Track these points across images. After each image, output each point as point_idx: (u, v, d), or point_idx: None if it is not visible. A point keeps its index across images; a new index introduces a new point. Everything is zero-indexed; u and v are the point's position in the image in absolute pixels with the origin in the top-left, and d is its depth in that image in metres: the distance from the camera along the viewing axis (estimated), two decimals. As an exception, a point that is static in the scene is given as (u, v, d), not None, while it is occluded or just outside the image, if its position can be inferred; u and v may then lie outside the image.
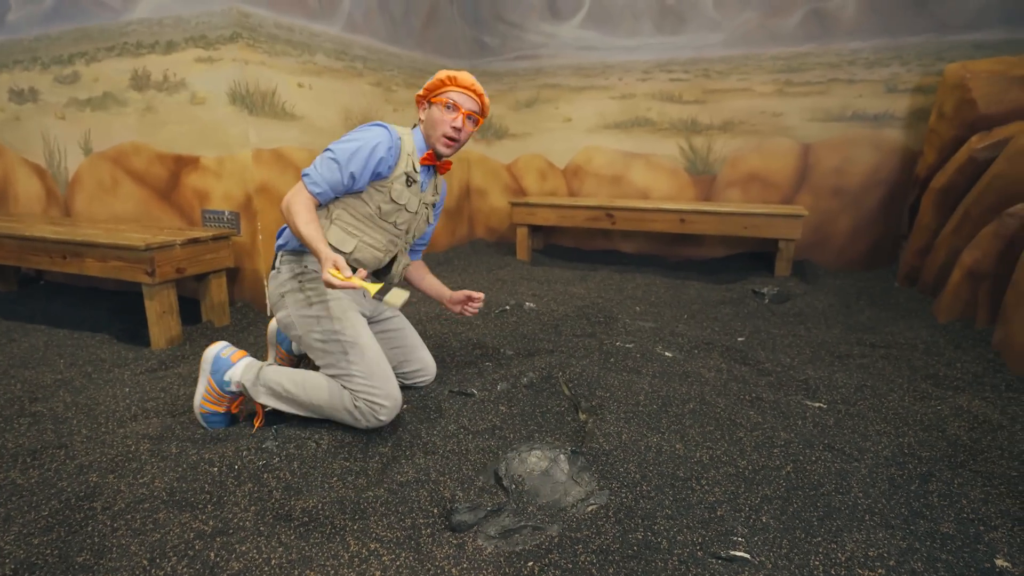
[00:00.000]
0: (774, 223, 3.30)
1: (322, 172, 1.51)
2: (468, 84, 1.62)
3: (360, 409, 1.52)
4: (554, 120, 4.17)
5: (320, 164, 1.52)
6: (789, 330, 2.48)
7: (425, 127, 1.66)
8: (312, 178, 1.51)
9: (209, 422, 1.64)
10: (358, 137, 1.54)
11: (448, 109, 1.60)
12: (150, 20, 2.57)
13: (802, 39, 3.44)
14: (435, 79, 1.61)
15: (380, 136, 1.55)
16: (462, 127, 1.62)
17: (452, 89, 1.61)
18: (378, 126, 1.58)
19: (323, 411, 1.56)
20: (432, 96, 1.63)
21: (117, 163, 2.85)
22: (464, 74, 1.62)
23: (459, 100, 1.61)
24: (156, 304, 2.27)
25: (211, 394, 1.63)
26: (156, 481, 1.37)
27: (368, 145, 1.52)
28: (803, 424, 1.61)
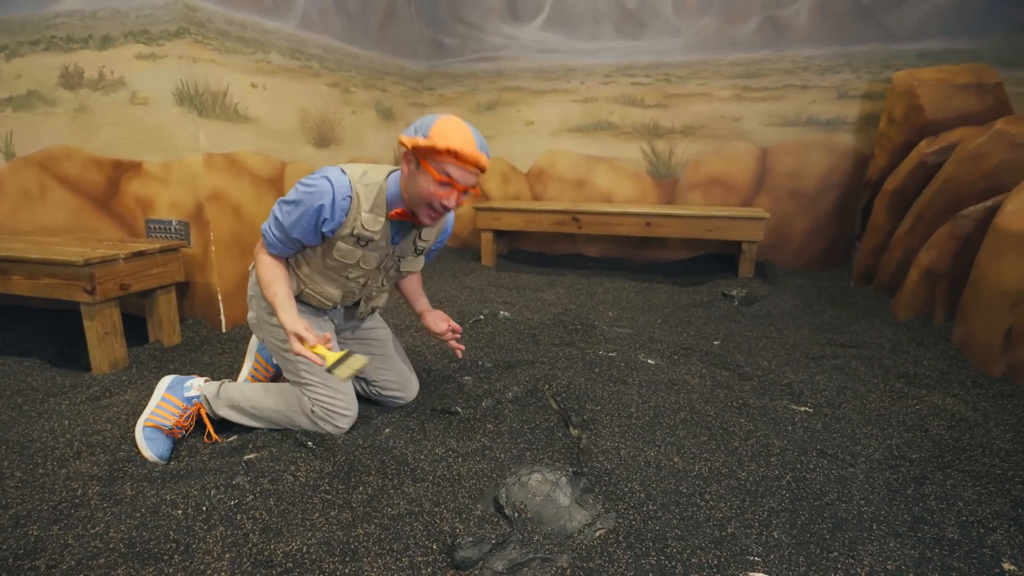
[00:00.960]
0: (737, 225, 3.36)
1: (275, 232, 1.45)
2: (472, 160, 1.32)
3: (316, 413, 1.55)
4: (516, 123, 4.12)
5: (272, 223, 1.45)
6: (761, 332, 2.51)
7: (406, 185, 1.40)
8: (268, 239, 1.47)
9: (149, 440, 1.54)
10: (302, 198, 1.39)
11: (442, 184, 1.34)
12: (82, 12, 2.34)
13: (759, 45, 3.53)
14: (431, 143, 1.29)
15: (324, 196, 1.38)
16: (454, 205, 1.38)
17: (450, 162, 1.32)
18: (326, 180, 1.39)
19: (283, 415, 1.58)
20: (423, 158, 1.33)
21: (45, 168, 2.59)
22: (468, 144, 1.31)
23: (456, 175, 1.33)
24: (97, 325, 2.06)
25: (163, 407, 1.60)
26: (111, 531, 1.21)
27: (311, 208, 1.39)
28: (793, 430, 1.61)
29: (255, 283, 1.60)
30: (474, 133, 1.36)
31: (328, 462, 1.45)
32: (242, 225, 2.57)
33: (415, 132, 1.35)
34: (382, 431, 1.64)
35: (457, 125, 1.33)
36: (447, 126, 1.32)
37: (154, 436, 1.55)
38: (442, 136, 1.30)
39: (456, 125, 1.33)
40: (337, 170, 1.43)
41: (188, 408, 1.62)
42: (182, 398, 1.62)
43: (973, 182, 2.44)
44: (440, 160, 1.32)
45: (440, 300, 2.99)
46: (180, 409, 1.61)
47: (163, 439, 1.55)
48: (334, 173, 1.41)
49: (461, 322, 2.57)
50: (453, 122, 1.33)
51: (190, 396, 1.63)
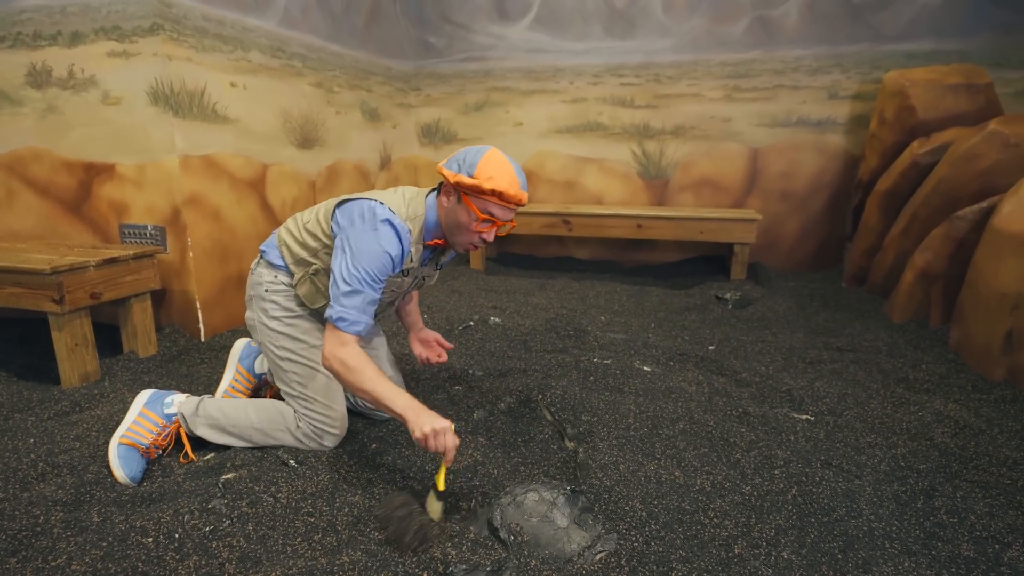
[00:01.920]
0: (729, 227, 3.32)
1: (356, 307, 1.30)
2: (515, 201, 1.34)
3: (302, 430, 1.49)
4: (504, 124, 4.05)
5: (350, 299, 1.29)
6: (756, 336, 2.47)
7: (446, 218, 1.39)
8: (349, 319, 1.29)
9: (122, 459, 1.44)
10: (373, 248, 1.30)
11: (483, 222, 1.34)
12: (50, 7, 2.23)
13: (749, 46, 3.50)
14: (477, 183, 1.29)
15: (394, 246, 1.33)
16: (492, 239, 1.40)
17: (495, 203, 1.32)
18: (390, 227, 1.32)
19: (265, 433, 1.51)
20: (465, 195, 1.33)
21: (12, 172, 2.47)
22: (513, 185, 1.31)
23: (499, 215, 1.34)
24: (66, 336, 1.95)
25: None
26: (73, 563, 1.12)
27: (387, 262, 1.32)
28: (796, 440, 1.56)
29: (254, 284, 1.54)
30: (516, 169, 1.35)
31: (311, 482, 1.37)
32: (221, 230, 2.47)
33: (459, 168, 1.33)
34: (369, 446, 1.56)
35: (502, 164, 1.32)
36: (493, 166, 1.31)
37: (128, 455, 1.45)
38: (488, 177, 1.30)
39: (501, 164, 1.32)
40: (387, 211, 1.34)
41: (167, 426, 1.53)
42: (161, 415, 1.53)
43: (967, 183, 2.42)
44: (484, 199, 1.32)
45: (429, 305, 2.91)
46: (159, 427, 1.52)
47: (138, 458, 1.46)
48: (389, 216, 1.33)
49: (451, 328, 2.50)
50: (498, 160, 1.33)
51: (170, 413, 1.54)
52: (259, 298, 1.52)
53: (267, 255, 1.53)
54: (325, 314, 1.32)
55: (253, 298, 1.54)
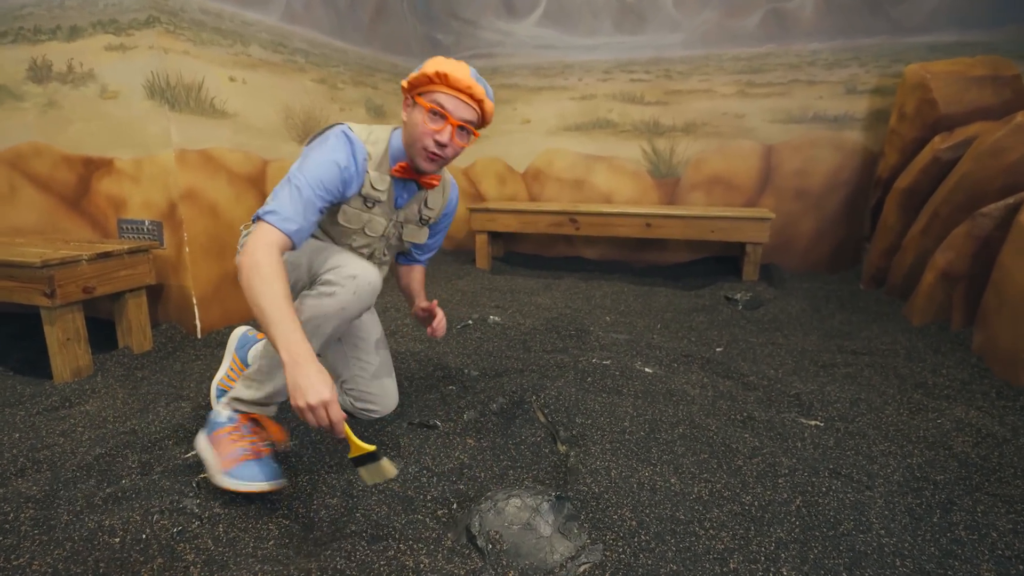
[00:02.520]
0: (742, 226, 3.22)
1: (292, 203, 1.17)
2: (463, 85, 1.24)
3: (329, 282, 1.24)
4: (512, 122, 3.99)
5: (289, 193, 1.18)
6: (767, 338, 2.37)
7: (406, 131, 1.33)
8: (282, 213, 1.14)
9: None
10: (321, 157, 1.24)
11: (433, 116, 1.26)
12: (49, 2, 2.23)
13: (762, 39, 3.39)
14: (421, 71, 1.26)
15: (346, 152, 1.27)
16: (448, 142, 1.28)
17: (441, 90, 1.25)
18: (345, 136, 1.29)
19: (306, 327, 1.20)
20: (415, 93, 1.28)
21: (14, 167, 2.47)
22: (460, 70, 1.25)
23: (448, 106, 1.25)
24: (58, 330, 1.93)
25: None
26: (35, 562, 1.08)
27: (338, 164, 1.25)
28: (803, 447, 1.47)
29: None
30: (471, 68, 1.28)
31: (289, 482, 1.31)
32: (219, 225, 2.44)
33: (412, 72, 1.30)
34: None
35: (450, 60, 1.27)
36: (441, 59, 1.28)
37: None
38: (433, 63, 1.26)
39: (452, 60, 1.27)
40: (344, 127, 1.32)
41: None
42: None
43: (992, 178, 2.29)
44: (428, 88, 1.26)
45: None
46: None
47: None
48: (344, 129, 1.31)
49: (448, 327, 2.44)
50: (446, 58, 1.28)
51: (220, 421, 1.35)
52: None
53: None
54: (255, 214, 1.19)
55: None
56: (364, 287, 1.25)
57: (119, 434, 1.59)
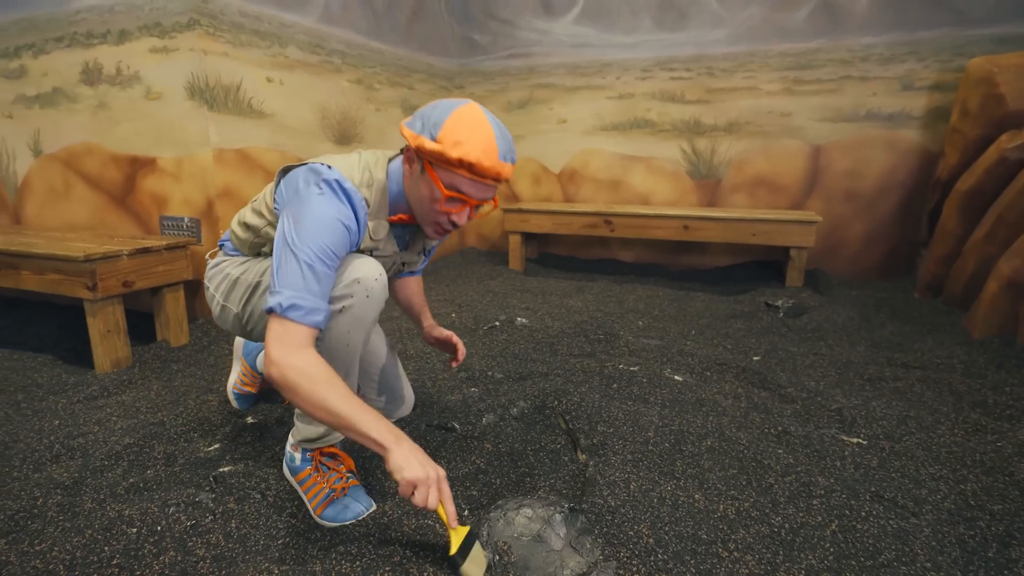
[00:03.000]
0: (785, 230, 3.07)
1: (310, 290, 1.00)
2: (491, 174, 1.06)
3: (336, 298, 1.09)
4: (548, 122, 3.94)
5: (303, 280, 1.00)
6: (809, 348, 2.24)
7: (410, 192, 1.15)
8: (302, 306, 0.98)
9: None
10: (321, 217, 1.04)
11: (449, 200, 1.09)
12: (101, 7, 2.32)
13: (811, 34, 3.23)
14: (441, 148, 1.03)
15: (343, 206, 1.07)
16: (465, 221, 1.14)
17: (463, 175, 1.06)
18: (334, 189, 1.07)
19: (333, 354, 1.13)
20: (429, 164, 1.08)
21: (69, 165, 2.60)
22: (488, 155, 1.04)
23: (470, 192, 1.08)
24: (99, 322, 2.00)
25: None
26: (55, 549, 1.10)
27: (340, 223, 1.06)
28: (842, 466, 1.37)
29: (212, 266, 1.35)
30: (496, 132, 1.07)
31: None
32: (255, 223, 2.49)
33: (422, 128, 1.06)
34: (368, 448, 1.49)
35: (477, 125, 1.04)
36: (465, 127, 1.03)
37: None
38: (455, 142, 1.02)
39: (475, 125, 1.04)
40: (334, 172, 1.09)
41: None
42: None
43: (1067, 180, 2.10)
44: (451, 171, 1.06)
45: (459, 304, 2.84)
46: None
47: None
48: (338, 177, 1.08)
49: (475, 328, 2.41)
50: (472, 119, 1.05)
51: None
52: (218, 273, 1.33)
53: (224, 247, 1.38)
54: (265, 305, 1.01)
55: (213, 278, 1.34)
56: (373, 286, 1.11)
57: (149, 425, 1.63)
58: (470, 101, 1.10)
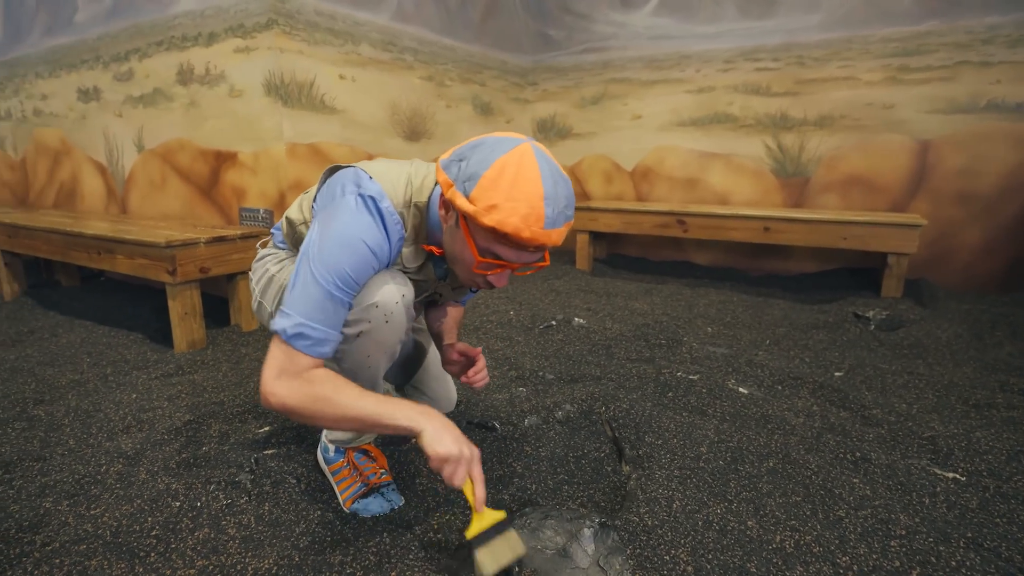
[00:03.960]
0: (882, 234, 2.76)
1: (324, 320, 0.94)
2: (532, 244, 0.89)
3: (352, 323, 1.00)
4: (622, 118, 3.81)
5: (318, 307, 0.93)
6: (903, 366, 1.99)
7: (446, 240, 1.01)
8: (311, 336, 0.92)
9: (363, 506, 1.20)
10: (347, 238, 0.95)
11: (483, 264, 0.95)
12: (193, 12, 2.49)
13: (921, 16, 2.89)
14: (475, 211, 0.87)
15: (374, 229, 0.97)
16: (503, 284, 1.01)
17: (502, 245, 0.92)
18: (370, 207, 0.97)
19: (358, 372, 1.07)
20: (463, 220, 0.93)
21: (166, 160, 2.82)
22: (530, 223, 0.87)
23: (510, 257, 0.94)
24: (178, 305, 2.15)
25: (339, 477, 1.24)
26: (106, 515, 1.16)
27: (365, 246, 0.96)
28: (932, 504, 1.18)
29: (262, 256, 1.28)
30: (547, 189, 0.88)
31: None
32: (323, 216, 2.58)
33: (456, 175, 0.90)
34: (410, 439, 1.48)
35: (520, 183, 0.86)
36: (503, 187, 0.86)
37: (364, 502, 1.21)
38: (489, 207, 0.86)
39: (518, 184, 0.86)
40: (372, 185, 0.99)
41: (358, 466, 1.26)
42: (336, 461, 1.27)
43: None
44: (484, 232, 0.91)
45: (520, 302, 2.79)
46: (349, 469, 1.25)
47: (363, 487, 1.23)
48: (374, 193, 0.98)
49: (532, 327, 2.35)
50: (515, 176, 0.86)
51: (340, 455, 1.27)
52: (260, 266, 1.26)
53: (275, 236, 1.31)
54: (273, 325, 0.93)
55: (256, 270, 1.27)
56: (393, 310, 1.01)
57: (210, 404, 1.71)
58: (522, 142, 0.90)
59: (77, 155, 3.28)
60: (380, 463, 1.28)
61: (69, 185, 3.39)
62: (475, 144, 0.92)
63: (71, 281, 3.28)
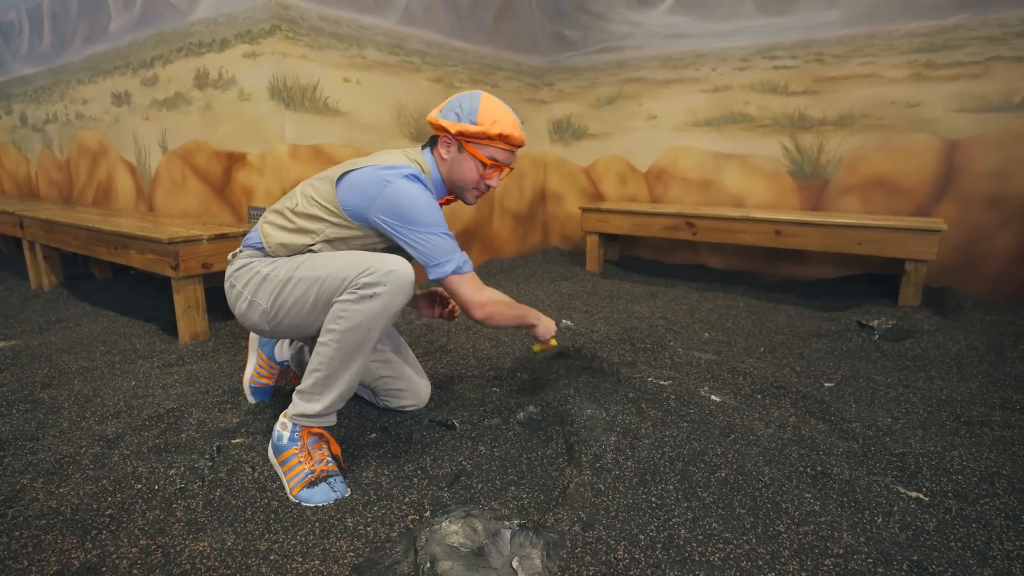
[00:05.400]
0: (899, 239, 2.63)
1: (455, 247, 1.33)
2: (519, 141, 1.39)
3: (368, 284, 1.20)
4: (637, 118, 3.75)
5: (453, 246, 1.31)
6: (900, 378, 1.89)
7: (449, 170, 1.40)
8: (467, 259, 1.34)
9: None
10: (426, 203, 1.30)
11: (488, 168, 1.38)
12: (208, 19, 2.61)
13: (949, 9, 2.73)
14: (482, 129, 1.33)
15: (426, 191, 1.33)
16: (497, 184, 1.44)
17: (498, 146, 1.37)
18: (420, 179, 1.32)
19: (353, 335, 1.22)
20: (468, 143, 1.36)
21: (185, 160, 2.96)
22: (516, 127, 1.37)
23: (502, 159, 1.39)
24: (181, 298, 2.26)
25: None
26: (71, 493, 1.24)
27: (434, 203, 1.33)
28: (884, 523, 1.12)
29: (243, 264, 1.37)
30: (510, 109, 1.40)
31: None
32: (326, 215, 2.66)
33: (458, 117, 1.35)
34: (368, 434, 1.51)
35: (500, 107, 1.37)
36: (494, 110, 1.35)
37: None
38: (492, 122, 1.33)
39: (500, 107, 1.37)
40: (412, 169, 1.32)
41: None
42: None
43: None
44: (489, 145, 1.36)
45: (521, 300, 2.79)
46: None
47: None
48: (415, 173, 1.32)
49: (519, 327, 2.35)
50: (496, 104, 1.37)
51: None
52: (247, 271, 1.36)
53: (251, 246, 1.40)
54: (443, 272, 1.30)
55: (241, 276, 1.37)
56: (404, 280, 1.23)
57: (197, 393, 1.79)
58: (480, 91, 1.39)
59: (112, 156, 3.49)
60: (333, 449, 1.32)
61: (105, 184, 3.61)
62: (457, 98, 1.37)
63: (104, 274, 3.49)
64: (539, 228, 4.26)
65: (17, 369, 2.03)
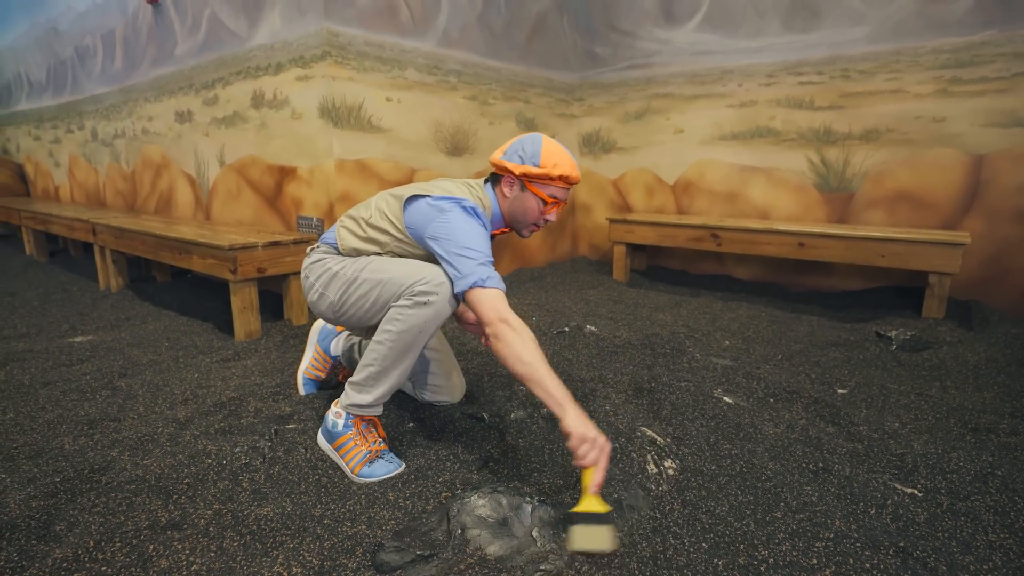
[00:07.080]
0: (923, 252, 2.67)
1: (487, 266, 1.33)
2: (576, 180, 1.49)
3: (424, 292, 1.33)
4: (664, 132, 3.86)
5: (472, 264, 1.31)
6: (914, 387, 1.95)
7: (510, 207, 1.50)
8: (489, 275, 1.30)
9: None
10: (471, 228, 1.36)
11: (548, 204, 1.48)
12: (265, 46, 2.86)
13: (976, 26, 2.77)
14: (545, 171, 1.42)
15: (479, 222, 1.40)
16: (555, 219, 1.55)
17: (558, 185, 1.47)
18: (474, 211, 1.39)
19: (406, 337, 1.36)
20: (531, 183, 1.45)
21: (240, 174, 3.22)
22: (575, 169, 1.47)
23: (560, 196, 1.49)
24: (238, 300, 2.48)
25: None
26: (154, 465, 1.44)
27: (482, 229, 1.40)
28: (877, 514, 1.22)
29: (319, 259, 1.53)
30: (569, 152, 1.50)
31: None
32: (368, 224, 2.86)
33: (522, 160, 1.45)
34: (407, 423, 1.68)
35: (560, 150, 1.46)
36: (554, 154, 1.44)
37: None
38: (554, 165, 1.43)
39: (559, 150, 1.46)
40: (471, 203, 1.41)
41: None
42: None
43: None
44: (549, 184, 1.46)
45: (546, 309, 2.94)
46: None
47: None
48: (473, 206, 1.40)
49: (546, 331, 2.50)
50: (555, 147, 1.46)
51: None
52: (320, 265, 1.52)
53: (325, 242, 1.57)
54: (459, 287, 1.30)
55: (315, 270, 1.53)
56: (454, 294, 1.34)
57: (253, 385, 1.99)
58: (542, 134, 1.51)
59: (173, 169, 3.80)
60: (380, 433, 1.48)
61: (167, 194, 3.92)
62: (519, 141, 1.48)
63: (164, 277, 3.78)
64: (568, 238, 4.40)
65: (96, 360, 2.28)
